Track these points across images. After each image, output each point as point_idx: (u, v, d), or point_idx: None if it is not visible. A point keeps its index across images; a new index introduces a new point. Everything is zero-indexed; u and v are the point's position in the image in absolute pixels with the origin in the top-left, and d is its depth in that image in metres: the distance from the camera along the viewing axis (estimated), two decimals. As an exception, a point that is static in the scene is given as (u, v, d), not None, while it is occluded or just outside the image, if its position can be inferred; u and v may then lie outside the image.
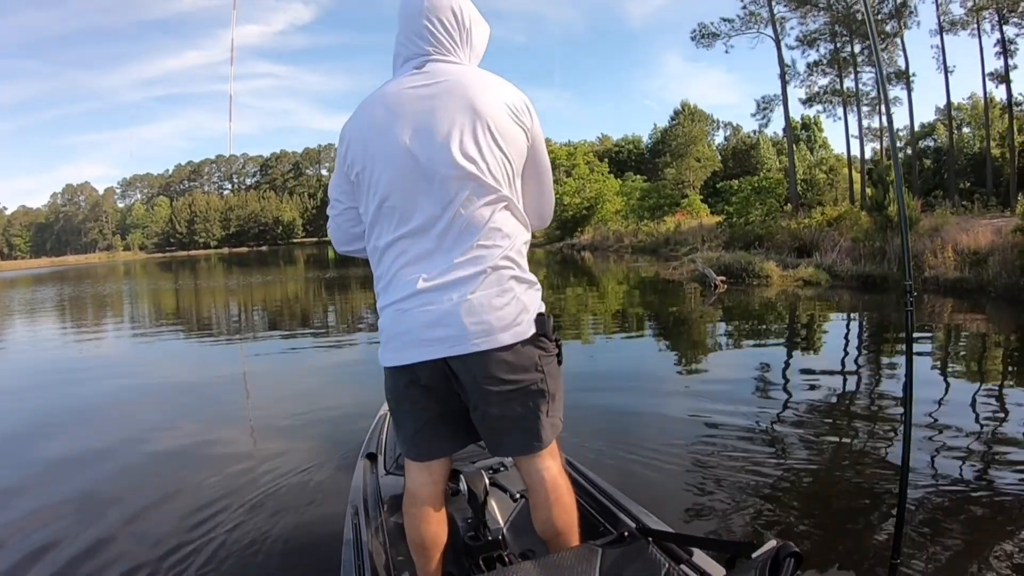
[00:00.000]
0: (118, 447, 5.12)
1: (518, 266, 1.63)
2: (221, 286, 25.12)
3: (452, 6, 1.65)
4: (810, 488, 3.70)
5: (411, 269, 1.59)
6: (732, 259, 16.23)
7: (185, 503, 3.74)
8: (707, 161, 58.45)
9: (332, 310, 15.79)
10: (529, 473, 1.70)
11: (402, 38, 1.68)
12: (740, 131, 70.05)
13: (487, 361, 1.57)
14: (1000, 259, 11.99)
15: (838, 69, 32.54)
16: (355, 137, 1.66)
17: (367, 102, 1.68)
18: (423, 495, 1.75)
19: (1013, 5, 25.47)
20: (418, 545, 1.77)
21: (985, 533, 3.05)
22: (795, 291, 13.33)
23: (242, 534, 3.30)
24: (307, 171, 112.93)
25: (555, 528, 1.71)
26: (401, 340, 1.61)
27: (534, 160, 1.73)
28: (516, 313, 1.58)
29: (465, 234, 1.57)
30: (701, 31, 32.69)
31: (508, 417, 1.63)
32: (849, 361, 7.34)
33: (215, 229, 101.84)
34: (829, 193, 42.98)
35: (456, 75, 1.62)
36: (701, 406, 5.30)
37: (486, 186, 1.57)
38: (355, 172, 1.66)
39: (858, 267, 14.18)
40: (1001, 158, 33.08)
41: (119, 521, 3.58)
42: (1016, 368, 6.95)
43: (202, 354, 10.04)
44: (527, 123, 1.65)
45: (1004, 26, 26.92)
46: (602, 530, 2.01)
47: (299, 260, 47.99)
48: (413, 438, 1.72)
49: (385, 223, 1.63)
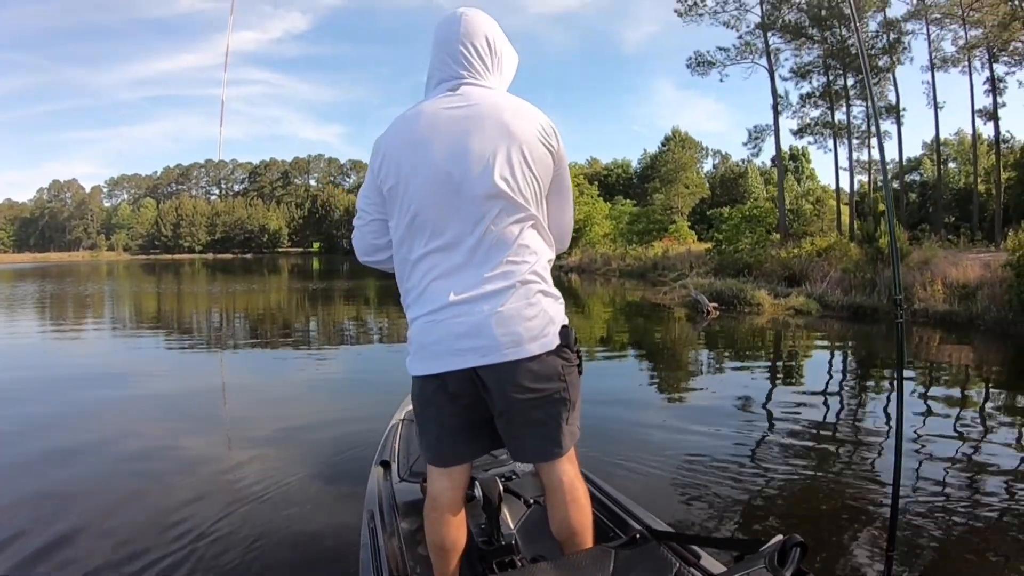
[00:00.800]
0: (97, 450, 5.05)
1: (544, 280, 1.70)
2: (204, 292, 24.83)
3: (486, 33, 1.74)
4: (807, 492, 3.91)
5: (442, 282, 1.64)
6: (723, 286, 16.23)
7: (161, 509, 3.74)
8: (695, 188, 58.73)
9: (315, 321, 15.59)
10: (549, 477, 1.76)
11: (436, 61, 1.75)
12: (728, 159, 70.72)
13: (515, 370, 1.62)
14: (989, 293, 12.11)
15: (830, 101, 32.98)
16: (390, 152, 1.71)
17: (403, 118, 1.74)
18: (444, 500, 1.79)
19: (1004, 44, 25.95)
20: (438, 548, 1.81)
21: (975, 527, 3.30)
22: (786, 319, 13.35)
23: (232, 540, 3.33)
24: (295, 180, 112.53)
25: (571, 528, 1.76)
26: (432, 350, 1.66)
27: (558, 181, 1.80)
28: (543, 325, 1.65)
29: (495, 250, 1.63)
30: (697, 59, 32.99)
31: (531, 424, 1.69)
32: (841, 384, 7.59)
33: (200, 234, 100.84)
34: (815, 223, 43.23)
35: (489, 99, 1.68)
36: (701, 422, 5.51)
37: (516, 205, 1.64)
38: (388, 186, 1.71)
39: (848, 298, 14.25)
40: (986, 194, 33.61)
41: (93, 526, 3.55)
42: (1000, 393, 7.17)
43: (182, 361, 9.83)
44: (554, 146, 1.72)
45: (994, 64, 27.42)
46: (613, 535, 2.06)
47: (283, 269, 47.58)
48: (436, 444, 1.78)
49: (417, 237, 1.67)
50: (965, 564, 2.99)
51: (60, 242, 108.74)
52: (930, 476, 4.06)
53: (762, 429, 5.40)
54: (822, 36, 30.94)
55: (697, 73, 33.51)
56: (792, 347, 10.69)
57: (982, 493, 3.83)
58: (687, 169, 58.79)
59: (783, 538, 1.41)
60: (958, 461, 4.41)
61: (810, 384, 7.49)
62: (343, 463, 4.54)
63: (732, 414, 5.88)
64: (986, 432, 5.30)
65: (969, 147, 43.75)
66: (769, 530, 3.28)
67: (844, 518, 3.50)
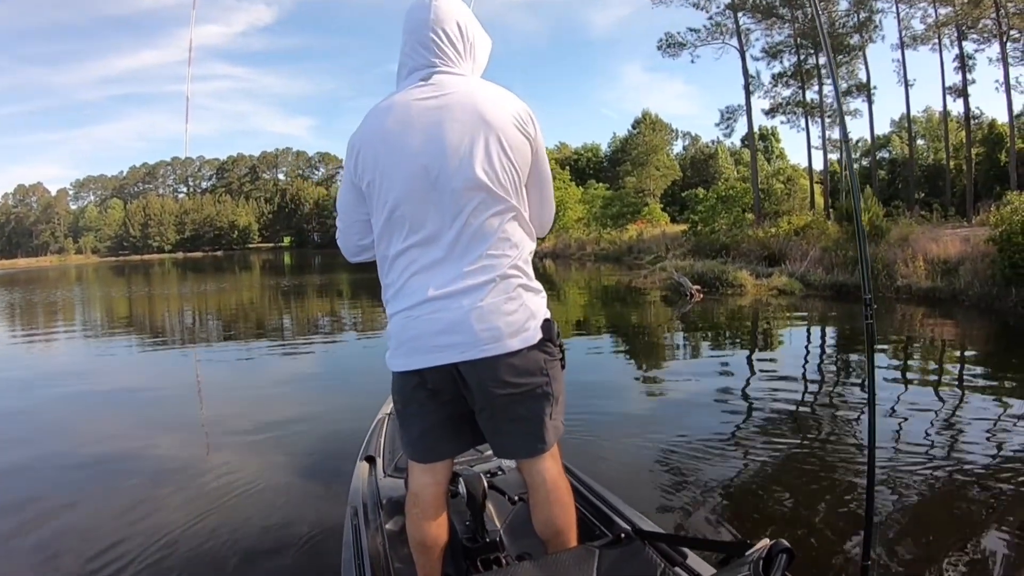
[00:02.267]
0: (68, 457, 4.95)
1: (525, 274, 1.67)
2: (175, 293, 24.07)
3: (457, 19, 1.68)
4: (784, 492, 3.80)
5: (421, 277, 1.62)
6: (705, 268, 16.05)
7: (136, 511, 3.74)
8: (667, 170, 58.75)
9: (289, 319, 15.13)
10: (531, 474, 1.73)
11: (407, 49, 1.70)
12: (698, 141, 70.89)
13: (496, 366, 1.60)
14: (971, 268, 12.08)
15: (801, 81, 33.02)
16: (365, 148, 1.67)
17: (375, 112, 1.69)
18: (426, 496, 1.77)
19: (974, 22, 26.09)
20: (420, 544, 1.79)
21: (951, 529, 3.22)
22: (770, 300, 13.23)
23: (211, 539, 3.33)
24: (264, 175, 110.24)
25: (554, 527, 1.74)
26: (411, 346, 1.63)
27: (536, 169, 1.74)
28: (524, 319, 1.62)
29: (474, 243, 1.60)
30: (668, 40, 32.88)
31: (514, 419, 1.66)
32: (824, 369, 7.43)
33: (169, 233, 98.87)
34: (786, 203, 43.55)
35: (463, 87, 1.64)
36: (689, 411, 5.57)
37: (496, 196, 1.60)
38: (366, 182, 1.67)
39: (831, 276, 14.17)
40: (956, 170, 33.98)
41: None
42: (982, 374, 7.02)
43: (155, 364, 9.44)
44: (532, 133, 1.67)
45: (963, 42, 27.59)
46: (598, 532, 2.04)
47: (255, 266, 46.89)
48: (418, 440, 1.76)
49: (395, 233, 1.65)
50: (944, 569, 2.87)
51: (27, 247, 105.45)
52: (908, 471, 3.92)
53: (748, 417, 5.34)
54: (792, 15, 30.93)
55: (668, 55, 33.49)
56: (778, 329, 10.55)
57: (965, 492, 3.69)
58: (658, 151, 58.75)
59: (770, 543, 1.38)
60: (936, 455, 4.23)
61: (798, 370, 7.32)
62: (322, 459, 4.53)
63: (720, 402, 5.86)
64: (968, 419, 5.07)
65: (937, 124, 44.36)
66: (752, 526, 3.34)
67: (821, 522, 3.37)
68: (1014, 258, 10.67)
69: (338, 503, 3.02)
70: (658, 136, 59.74)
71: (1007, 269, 10.80)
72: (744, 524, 3.36)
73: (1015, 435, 4.59)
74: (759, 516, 3.48)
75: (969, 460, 4.11)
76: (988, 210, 21.45)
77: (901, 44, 29.69)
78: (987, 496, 3.59)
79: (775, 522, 3.37)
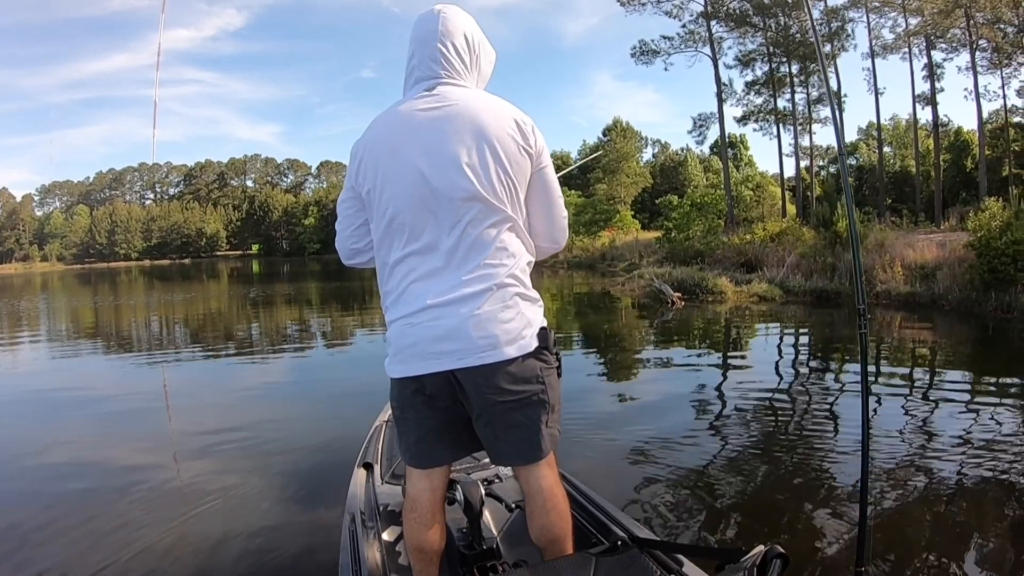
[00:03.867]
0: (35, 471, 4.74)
1: (522, 284, 1.69)
2: (143, 303, 23.36)
3: (465, 32, 1.71)
4: (779, 499, 3.79)
5: (420, 285, 1.64)
6: (684, 275, 15.99)
7: (117, 525, 3.63)
8: (637, 177, 58.97)
9: (257, 329, 14.55)
10: (527, 481, 1.74)
11: (415, 60, 1.71)
12: (668, 148, 71.43)
13: (493, 373, 1.61)
14: (949, 273, 12.16)
15: (773, 89, 33.39)
16: (367, 155, 1.69)
17: (379, 121, 1.72)
18: (423, 502, 1.78)
19: (944, 31, 26.58)
20: (417, 550, 1.79)
21: (945, 535, 3.22)
22: (750, 307, 13.18)
23: (208, 545, 3.34)
24: (232, 182, 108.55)
25: (550, 535, 1.74)
26: (410, 352, 1.65)
27: (541, 181, 1.76)
28: (521, 328, 1.64)
29: (472, 253, 1.62)
30: (642, 48, 32.99)
31: (510, 427, 1.67)
32: (814, 377, 7.32)
33: (136, 240, 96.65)
34: (756, 209, 43.94)
35: (465, 99, 1.66)
36: (677, 420, 5.45)
37: (493, 207, 1.62)
38: (366, 189, 1.70)
39: (811, 282, 14.21)
40: (923, 176, 34.61)
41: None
42: (969, 379, 6.98)
43: (124, 377, 8.82)
44: (532, 145, 1.68)
45: (932, 51, 28.12)
46: (595, 540, 2.04)
47: (223, 274, 45.63)
48: (415, 446, 1.77)
49: (395, 240, 1.67)
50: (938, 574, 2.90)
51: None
52: (904, 476, 3.94)
53: (742, 425, 5.26)
54: (764, 24, 31.27)
55: (642, 62, 33.56)
56: (763, 337, 10.47)
57: (958, 497, 3.68)
58: (629, 159, 58.95)
59: (764, 548, 1.39)
60: (930, 461, 4.20)
61: (788, 377, 7.22)
62: (311, 467, 4.52)
63: (712, 410, 5.84)
64: (956, 423, 5.05)
65: (904, 131, 45.22)
66: (748, 532, 3.34)
67: (815, 528, 3.35)
68: (993, 263, 10.74)
69: (333, 510, 3.02)
70: (629, 143, 59.93)
71: (986, 274, 10.87)
72: (739, 531, 3.38)
73: (1005, 440, 4.55)
74: (754, 523, 3.48)
75: (961, 465, 4.10)
76: (957, 216, 21.88)
77: (871, 53, 30.20)
78: (980, 501, 3.60)
79: (770, 528, 3.38)
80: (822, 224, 16.40)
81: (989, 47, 26.54)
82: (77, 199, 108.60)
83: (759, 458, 4.45)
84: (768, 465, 4.31)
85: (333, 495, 3.43)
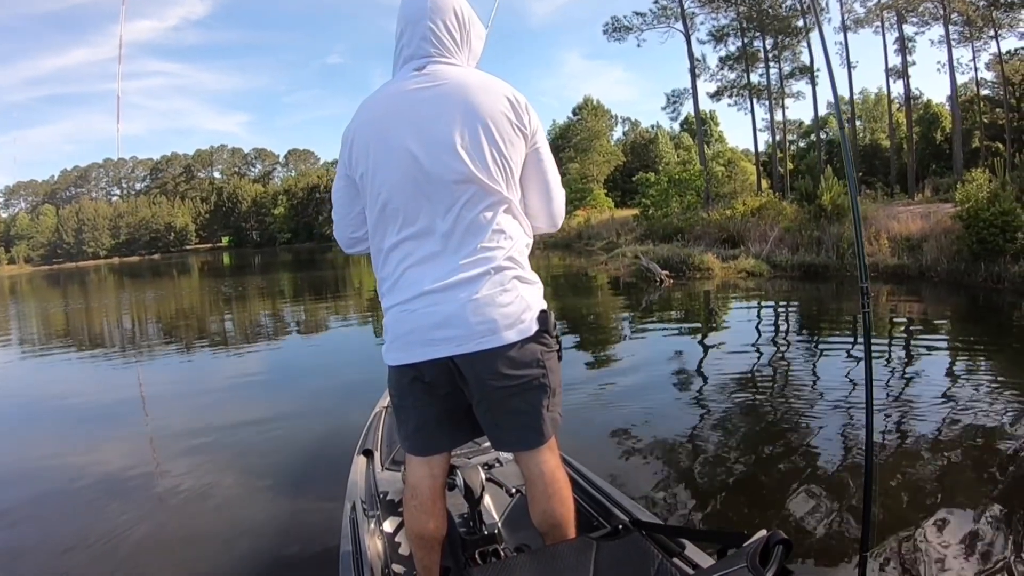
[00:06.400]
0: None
1: (520, 266, 1.65)
2: (113, 303, 22.46)
3: (454, 8, 1.66)
4: (782, 483, 3.69)
5: (417, 270, 1.60)
6: (669, 252, 15.87)
7: (111, 523, 3.62)
8: (609, 155, 58.84)
9: (232, 323, 14.03)
10: (528, 467, 1.72)
11: (404, 39, 1.67)
12: (638, 126, 71.37)
13: (492, 358, 1.58)
14: (935, 245, 12.18)
15: (746, 64, 33.39)
16: (357, 139, 1.66)
17: (368, 103, 1.68)
18: (423, 488, 1.77)
19: (915, 5, 26.66)
20: (418, 537, 1.78)
21: (950, 517, 3.09)
22: (739, 283, 13.09)
23: (209, 536, 3.40)
24: (199, 174, 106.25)
25: (552, 520, 1.73)
26: (407, 339, 1.62)
27: (537, 160, 1.72)
28: (520, 311, 1.60)
29: (469, 236, 1.59)
30: (614, 24, 32.80)
31: (511, 412, 1.65)
32: (815, 356, 7.15)
33: (104, 238, 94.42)
34: (727, 185, 44.04)
35: (456, 77, 1.61)
36: (674, 400, 5.47)
37: (488, 189, 1.58)
38: (359, 174, 1.67)
39: (797, 256, 14.18)
40: (894, 149, 34.96)
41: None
42: (965, 350, 6.91)
43: (102, 378, 8.40)
44: (526, 124, 1.64)
45: (904, 25, 28.23)
46: (596, 524, 2.04)
47: (194, 268, 44.79)
48: (415, 433, 1.75)
49: (389, 225, 1.64)
50: (941, 561, 2.77)
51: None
52: (908, 459, 3.85)
53: (745, 408, 5.12)
54: (736, -1, 31.18)
55: (614, 39, 33.42)
56: (755, 313, 10.38)
57: (962, 478, 3.59)
58: (600, 137, 58.76)
59: (767, 534, 1.37)
60: (933, 441, 4.10)
61: (788, 356, 7.05)
62: (307, 455, 4.51)
63: (712, 391, 5.66)
64: (957, 397, 4.93)
65: (873, 105, 45.57)
66: (750, 517, 3.32)
67: (819, 512, 3.26)
68: (981, 234, 10.73)
69: (333, 497, 3.01)
70: (600, 122, 59.72)
71: (975, 245, 10.86)
72: (742, 515, 3.37)
73: (1010, 415, 4.44)
74: (757, 507, 3.45)
75: (966, 445, 4.01)
76: (931, 187, 22.02)
77: (844, 27, 30.26)
78: (985, 481, 3.53)
79: (773, 513, 3.33)
80: (805, 198, 16.37)
81: (960, 20, 26.72)
82: (43, 199, 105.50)
83: (764, 441, 4.38)
84: (774, 448, 4.24)
85: (333, 483, 3.36)
